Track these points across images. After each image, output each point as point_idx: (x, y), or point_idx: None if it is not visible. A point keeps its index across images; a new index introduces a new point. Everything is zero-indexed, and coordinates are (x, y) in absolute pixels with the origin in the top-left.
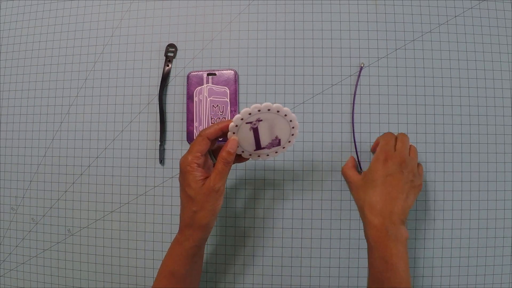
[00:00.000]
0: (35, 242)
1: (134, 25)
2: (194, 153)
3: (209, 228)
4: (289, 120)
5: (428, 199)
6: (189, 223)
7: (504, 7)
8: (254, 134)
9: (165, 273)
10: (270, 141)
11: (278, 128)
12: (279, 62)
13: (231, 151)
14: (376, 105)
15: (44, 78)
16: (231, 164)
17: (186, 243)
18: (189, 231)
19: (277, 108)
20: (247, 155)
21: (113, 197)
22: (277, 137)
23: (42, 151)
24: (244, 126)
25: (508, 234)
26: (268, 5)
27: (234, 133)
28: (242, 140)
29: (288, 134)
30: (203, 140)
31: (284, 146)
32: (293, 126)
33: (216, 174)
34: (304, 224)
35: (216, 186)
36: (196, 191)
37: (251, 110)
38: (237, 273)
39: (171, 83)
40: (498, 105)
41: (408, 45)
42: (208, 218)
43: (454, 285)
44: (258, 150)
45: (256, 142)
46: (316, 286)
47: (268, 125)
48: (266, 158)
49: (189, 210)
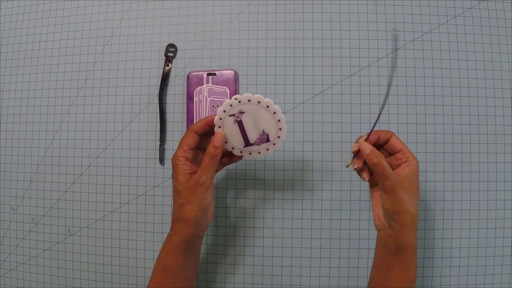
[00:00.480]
0: (35, 242)
1: (134, 25)
2: (182, 147)
3: (196, 223)
4: (272, 112)
5: (428, 199)
6: (177, 217)
7: (504, 7)
8: (240, 127)
9: (159, 268)
10: (258, 136)
11: (263, 121)
12: (279, 62)
13: (217, 145)
14: (376, 105)
15: (44, 78)
16: (218, 159)
17: (175, 238)
18: (177, 225)
19: (257, 99)
20: (238, 152)
21: (113, 197)
22: (264, 132)
23: (42, 151)
24: (228, 119)
25: (508, 234)
26: (268, 5)
27: (220, 127)
28: (230, 136)
29: (275, 128)
30: (190, 134)
31: (274, 142)
32: (279, 119)
33: (202, 168)
34: (304, 224)
35: (201, 180)
36: (183, 184)
37: (231, 101)
38: (236, 273)
39: (171, 83)
40: (498, 105)
41: (408, 45)
42: (194, 212)
43: (454, 285)
44: (248, 146)
45: (244, 137)
46: (316, 286)
47: (251, 118)
48: (258, 156)
49: (177, 203)
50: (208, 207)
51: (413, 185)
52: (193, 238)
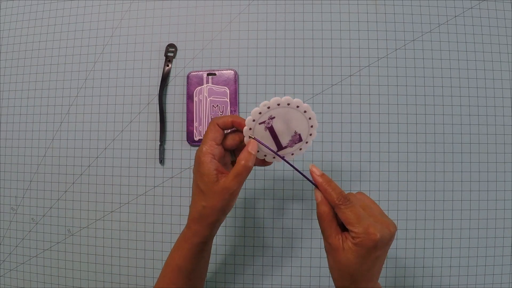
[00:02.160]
0: (35, 242)
1: (134, 25)
2: (208, 141)
3: (217, 226)
4: (303, 111)
5: (428, 199)
6: (197, 218)
7: (504, 7)
8: (271, 133)
9: (172, 267)
10: (290, 138)
11: (294, 122)
12: (279, 62)
13: (253, 152)
14: (376, 105)
15: (44, 78)
16: (251, 167)
17: (194, 239)
18: (196, 226)
19: (286, 101)
20: (271, 158)
21: (113, 197)
22: (296, 132)
23: (42, 151)
24: (258, 127)
25: (508, 234)
26: (268, 5)
27: (251, 136)
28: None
29: (307, 127)
30: (214, 127)
31: (307, 140)
32: (310, 117)
33: (234, 176)
34: (304, 224)
35: (231, 188)
36: (208, 186)
37: (260, 108)
38: (237, 273)
39: (171, 83)
40: (498, 105)
41: (408, 45)
42: (216, 216)
43: (454, 285)
44: (280, 150)
45: (276, 141)
46: (316, 286)
47: (282, 121)
48: (291, 158)
49: (198, 204)
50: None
51: (355, 269)
52: (210, 238)
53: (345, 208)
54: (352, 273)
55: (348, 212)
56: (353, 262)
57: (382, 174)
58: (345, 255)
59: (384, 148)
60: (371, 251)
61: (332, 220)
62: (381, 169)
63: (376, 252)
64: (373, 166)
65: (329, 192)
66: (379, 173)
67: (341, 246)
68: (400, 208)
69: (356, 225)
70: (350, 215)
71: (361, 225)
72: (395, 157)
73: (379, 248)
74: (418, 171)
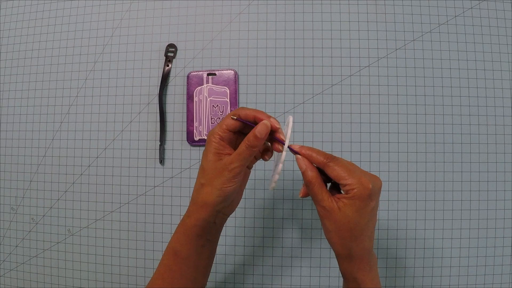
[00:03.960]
0: (35, 242)
1: (134, 25)
2: (221, 125)
3: (214, 209)
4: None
5: (428, 199)
6: (195, 198)
7: (504, 7)
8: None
9: (168, 250)
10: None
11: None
12: (279, 62)
13: (259, 136)
14: (376, 105)
15: (44, 78)
16: (255, 150)
17: (188, 221)
18: (192, 207)
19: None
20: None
21: (113, 197)
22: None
23: (42, 151)
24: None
25: (508, 234)
26: (268, 5)
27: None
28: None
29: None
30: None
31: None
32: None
33: (236, 154)
34: (304, 224)
35: (231, 165)
36: (210, 163)
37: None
38: (237, 273)
39: (171, 83)
40: (498, 105)
41: (408, 45)
42: (213, 196)
43: (454, 285)
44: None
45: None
46: (316, 286)
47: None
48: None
49: (198, 183)
50: (231, 196)
51: (354, 223)
52: (208, 224)
53: (334, 165)
54: (352, 228)
55: (338, 168)
56: (351, 217)
57: (382, 174)
58: (342, 213)
59: (384, 148)
60: (366, 201)
61: (322, 184)
62: (381, 169)
63: (371, 202)
64: (373, 166)
65: (315, 156)
66: (379, 173)
67: (335, 206)
68: (400, 208)
69: (349, 178)
70: (340, 170)
71: (353, 177)
72: (395, 157)
73: (373, 198)
74: (418, 171)
